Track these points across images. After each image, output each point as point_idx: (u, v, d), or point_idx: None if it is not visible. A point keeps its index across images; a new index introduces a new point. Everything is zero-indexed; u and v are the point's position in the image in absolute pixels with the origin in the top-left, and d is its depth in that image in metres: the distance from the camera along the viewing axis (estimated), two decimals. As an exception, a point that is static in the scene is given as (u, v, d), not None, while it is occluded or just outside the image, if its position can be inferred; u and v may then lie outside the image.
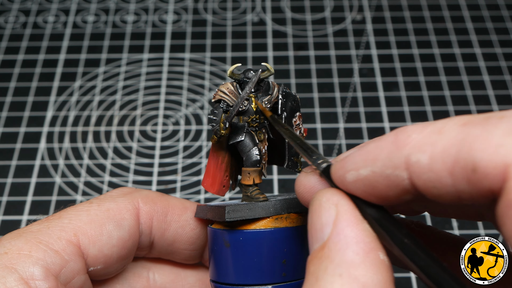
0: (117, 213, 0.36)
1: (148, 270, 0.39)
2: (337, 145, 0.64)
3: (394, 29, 0.76)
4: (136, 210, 0.37)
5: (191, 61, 0.73)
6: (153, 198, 0.38)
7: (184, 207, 0.38)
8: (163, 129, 0.66)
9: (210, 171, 0.38)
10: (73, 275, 0.33)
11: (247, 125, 0.37)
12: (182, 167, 0.63)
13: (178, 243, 0.38)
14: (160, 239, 0.38)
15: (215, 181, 0.38)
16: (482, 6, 0.79)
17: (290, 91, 0.38)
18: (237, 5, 0.80)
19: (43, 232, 0.33)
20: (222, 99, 0.37)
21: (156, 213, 0.37)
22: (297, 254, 0.35)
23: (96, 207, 0.36)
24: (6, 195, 0.60)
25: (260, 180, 0.37)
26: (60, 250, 0.33)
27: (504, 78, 0.70)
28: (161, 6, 0.80)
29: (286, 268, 0.34)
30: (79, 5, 0.80)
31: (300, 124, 0.38)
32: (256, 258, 0.34)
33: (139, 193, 0.38)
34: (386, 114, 0.66)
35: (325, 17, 0.78)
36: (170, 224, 0.38)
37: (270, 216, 0.35)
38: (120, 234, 0.36)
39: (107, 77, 0.71)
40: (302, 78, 0.70)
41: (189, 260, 0.40)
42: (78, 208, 0.36)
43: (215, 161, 0.38)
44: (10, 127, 0.66)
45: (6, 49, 0.74)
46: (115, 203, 0.36)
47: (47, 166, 0.62)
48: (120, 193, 0.38)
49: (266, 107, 0.37)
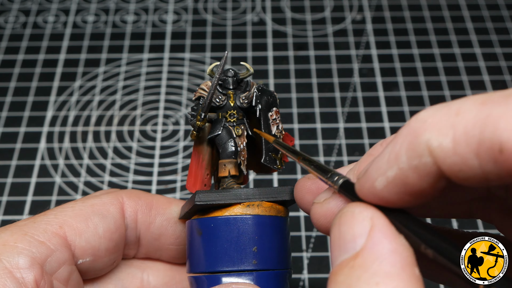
0: (101, 207, 0.37)
1: (142, 271, 0.40)
2: (337, 145, 0.64)
3: (394, 29, 0.76)
4: (121, 204, 0.37)
5: (191, 61, 0.73)
6: (137, 194, 0.39)
7: (168, 201, 0.39)
8: (163, 129, 0.66)
9: (192, 171, 0.39)
10: (59, 264, 0.33)
11: (224, 120, 0.37)
12: (182, 167, 0.63)
13: (164, 237, 0.39)
14: (146, 234, 0.38)
15: (197, 180, 0.38)
16: (482, 6, 0.79)
17: (267, 89, 0.39)
18: (237, 5, 0.80)
19: (29, 226, 0.34)
20: (201, 96, 0.37)
21: (141, 207, 0.38)
22: (269, 243, 0.35)
23: (80, 203, 0.37)
24: (6, 195, 0.60)
25: (236, 172, 0.37)
26: (46, 241, 0.33)
27: (504, 78, 0.70)
28: (161, 6, 0.80)
29: (257, 256, 0.34)
30: (79, 5, 0.80)
31: (277, 120, 0.38)
32: (226, 244, 0.34)
33: (123, 191, 0.39)
34: (386, 114, 0.66)
35: (325, 17, 0.78)
36: (155, 217, 0.38)
37: (241, 203, 0.35)
38: (106, 226, 0.36)
39: (107, 77, 0.71)
40: (302, 78, 0.70)
41: (176, 259, 0.40)
42: (63, 206, 0.37)
43: (196, 159, 0.39)
44: (10, 127, 0.66)
45: (6, 49, 0.74)
46: (99, 199, 0.37)
47: (47, 166, 0.62)
48: (105, 192, 0.38)
49: (243, 102, 0.37)
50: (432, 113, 0.24)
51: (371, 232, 0.25)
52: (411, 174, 0.24)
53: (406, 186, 0.25)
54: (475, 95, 0.23)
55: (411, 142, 0.24)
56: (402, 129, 0.25)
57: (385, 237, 0.25)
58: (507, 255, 0.25)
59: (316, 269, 0.54)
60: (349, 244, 0.25)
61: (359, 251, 0.25)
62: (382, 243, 0.25)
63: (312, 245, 0.56)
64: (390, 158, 0.25)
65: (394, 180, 0.25)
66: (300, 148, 0.64)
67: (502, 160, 0.21)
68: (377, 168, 0.26)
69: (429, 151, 0.23)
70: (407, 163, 0.24)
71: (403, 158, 0.24)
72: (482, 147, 0.22)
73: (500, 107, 0.22)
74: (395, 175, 0.25)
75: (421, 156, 0.24)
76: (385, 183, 0.25)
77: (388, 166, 0.25)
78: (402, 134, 0.25)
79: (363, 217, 0.26)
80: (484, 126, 0.22)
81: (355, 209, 0.26)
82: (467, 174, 0.23)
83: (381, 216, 0.26)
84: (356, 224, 0.26)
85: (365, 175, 0.26)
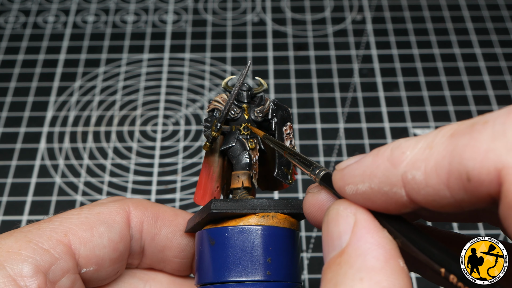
0: (107, 216, 0.36)
1: (144, 282, 0.40)
2: (337, 145, 0.64)
3: (394, 29, 0.76)
4: (127, 214, 0.37)
5: (191, 61, 0.73)
6: (144, 204, 0.38)
7: (175, 213, 0.39)
8: (163, 129, 0.66)
9: (202, 182, 0.38)
10: (63, 273, 0.33)
11: (238, 132, 0.38)
12: (182, 167, 0.63)
13: (168, 249, 0.38)
14: (151, 245, 0.38)
15: (206, 193, 0.38)
16: (482, 6, 0.79)
17: (282, 104, 0.39)
18: (237, 5, 0.80)
19: (33, 232, 0.34)
20: (216, 108, 0.38)
21: (147, 218, 0.38)
22: (283, 255, 0.35)
23: (86, 211, 0.36)
24: (6, 195, 0.60)
25: (249, 184, 0.37)
26: (50, 249, 0.33)
27: (504, 78, 0.70)
28: (161, 6, 0.80)
29: (271, 267, 0.34)
30: (79, 5, 0.80)
31: (291, 134, 0.39)
32: (240, 254, 0.34)
33: (130, 200, 0.38)
34: (386, 114, 0.66)
35: (325, 17, 0.78)
36: (160, 229, 0.38)
37: (256, 213, 0.35)
38: (111, 236, 0.36)
39: (107, 77, 0.71)
40: (302, 78, 0.70)
41: (180, 271, 0.40)
42: (68, 213, 0.36)
43: (207, 171, 0.38)
44: (10, 127, 0.66)
45: (6, 49, 0.74)
46: (105, 208, 0.37)
47: (47, 166, 0.62)
48: (111, 200, 0.38)
49: (258, 116, 0.38)
50: (411, 145, 0.25)
51: (354, 228, 0.26)
52: (379, 196, 0.25)
53: (372, 203, 0.26)
54: (446, 126, 0.24)
55: (388, 169, 0.25)
56: (385, 150, 0.26)
57: (368, 232, 0.25)
58: (507, 255, 0.25)
59: (316, 269, 0.54)
60: (336, 241, 0.26)
61: (344, 247, 0.25)
62: (365, 238, 0.25)
63: (312, 245, 0.56)
64: (365, 173, 0.26)
65: (362, 194, 0.26)
66: (300, 148, 0.64)
67: (471, 188, 0.22)
68: (352, 175, 0.26)
69: (403, 183, 0.24)
70: (378, 186, 0.25)
71: (376, 180, 0.25)
72: (451, 178, 0.23)
73: (465, 138, 0.23)
74: (364, 190, 0.26)
75: (393, 185, 0.25)
76: (354, 192, 0.26)
77: (361, 180, 0.26)
78: (384, 156, 0.25)
79: (347, 214, 0.26)
80: (451, 158, 0.23)
81: (340, 206, 0.27)
82: (440, 203, 0.24)
83: (363, 212, 0.26)
84: (341, 221, 0.26)
85: (340, 173, 0.27)
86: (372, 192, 0.25)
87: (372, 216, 0.26)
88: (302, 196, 0.59)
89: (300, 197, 0.58)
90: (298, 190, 0.60)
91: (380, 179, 0.25)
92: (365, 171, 0.26)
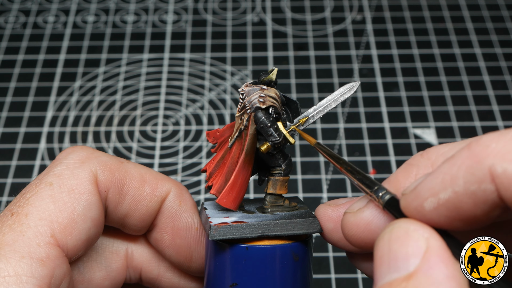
0: (82, 190, 0.33)
1: (126, 246, 0.38)
2: (337, 146, 0.64)
3: (394, 29, 0.76)
4: (95, 182, 0.34)
5: (191, 61, 0.73)
6: (111, 167, 0.35)
7: (142, 179, 0.36)
8: (163, 129, 0.66)
9: (237, 185, 0.35)
10: (60, 281, 0.31)
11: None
12: (182, 167, 0.63)
13: (129, 218, 0.36)
14: (112, 212, 0.36)
15: (238, 196, 0.35)
16: (482, 6, 0.79)
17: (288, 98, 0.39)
18: (237, 5, 0.80)
19: (20, 243, 0.30)
20: (272, 106, 0.36)
21: (113, 185, 0.35)
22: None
23: (58, 189, 0.33)
24: (6, 195, 0.60)
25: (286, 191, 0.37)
26: (45, 258, 0.31)
27: (504, 78, 0.70)
28: (161, 6, 0.80)
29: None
30: (79, 5, 0.80)
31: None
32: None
33: (97, 160, 0.35)
34: (386, 114, 0.66)
35: (325, 17, 0.78)
36: (124, 197, 0.35)
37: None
38: (92, 215, 0.33)
39: (107, 77, 0.71)
40: (302, 78, 0.70)
41: (137, 232, 0.38)
42: (39, 194, 0.33)
43: (244, 175, 0.35)
44: (10, 127, 0.66)
45: (6, 49, 0.74)
46: (76, 179, 0.34)
47: (47, 166, 0.62)
48: (78, 161, 0.35)
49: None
50: (496, 138, 0.23)
51: (427, 254, 0.24)
52: (466, 200, 0.23)
53: (458, 211, 0.24)
54: None
55: (471, 166, 0.23)
56: (461, 151, 0.24)
57: (442, 261, 0.24)
58: (507, 255, 0.25)
59: (316, 269, 0.54)
60: (401, 262, 0.24)
61: (412, 272, 0.24)
62: (438, 267, 0.24)
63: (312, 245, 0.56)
64: (445, 179, 0.24)
65: (446, 203, 0.24)
66: (300, 148, 0.64)
67: None
68: (429, 188, 0.25)
69: (492, 178, 0.23)
70: (464, 187, 0.23)
71: (460, 182, 0.23)
72: None
73: None
74: (448, 198, 0.24)
75: (481, 182, 0.23)
76: (435, 204, 0.24)
77: (442, 188, 0.24)
78: (462, 156, 0.24)
79: (418, 236, 0.25)
80: None
81: (410, 226, 0.25)
82: None
83: (438, 238, 0.24)
84: (411, 242, 0.24)
85: (413, 193, 0.25)
86: (457, 197, 0.24)
87: (445, 244, 0.24)
88: (302, 196, 0.59)
89: (300, 197, 0.58)
90: (297, 190, 0.60)
91: (464, 179, 0.23)
92: (444, 177, 0.24)
